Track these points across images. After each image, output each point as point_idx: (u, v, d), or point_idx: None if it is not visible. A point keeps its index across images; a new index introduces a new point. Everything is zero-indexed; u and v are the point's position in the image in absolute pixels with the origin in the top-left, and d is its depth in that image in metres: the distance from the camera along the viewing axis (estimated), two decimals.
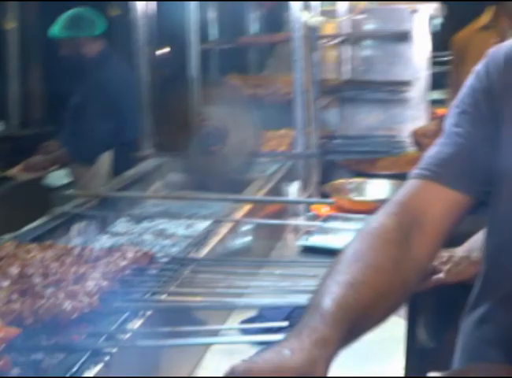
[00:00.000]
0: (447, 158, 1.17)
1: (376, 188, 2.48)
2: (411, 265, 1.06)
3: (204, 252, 1.43)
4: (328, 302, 0.91)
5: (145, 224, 1.83)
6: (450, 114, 1.21)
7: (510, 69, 1.15)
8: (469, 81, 1.19)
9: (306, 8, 2.33)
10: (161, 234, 1.73)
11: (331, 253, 1.61)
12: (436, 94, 3.60)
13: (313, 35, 2.42)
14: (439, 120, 2.97)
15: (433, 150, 1.19)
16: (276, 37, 3.18)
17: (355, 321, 0.91)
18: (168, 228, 1.79)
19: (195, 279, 1.26)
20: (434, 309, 2.02)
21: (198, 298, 1.19)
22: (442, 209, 1.13)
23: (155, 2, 2.45)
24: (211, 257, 1.42)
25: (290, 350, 0.82)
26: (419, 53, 3.16)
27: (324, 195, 2.38)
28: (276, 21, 3.37)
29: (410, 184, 1.17)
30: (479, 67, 1.20)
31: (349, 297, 0.93)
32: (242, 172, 2.19)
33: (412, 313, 1.61)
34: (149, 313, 1.10)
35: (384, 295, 0.99)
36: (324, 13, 2.77)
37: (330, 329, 0.86)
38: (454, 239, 1.30)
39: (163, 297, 1.16)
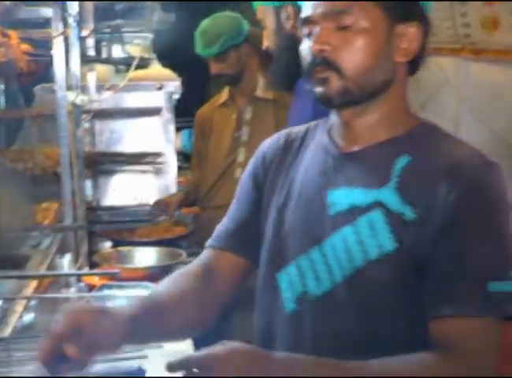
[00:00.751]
0: (228, 229, 1.40)
1: (143, 255, 2.63)
2: (208, 300, 1.35)
3: (8, 331, 1.46)
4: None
5: None
6: (237, 190, 1.45)
7: (272, 157, 1.39)
8: (251, 162, 1.43)
9: (70, 88, 2.43)
10: None
11: None
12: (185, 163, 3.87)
13: (77, 112, 2.52)
14: (182, 189, 3.23)
15: (222, 223, 1.43)
16: (27, 111, 3.20)
17: (147, 316, 1.23)
18: None
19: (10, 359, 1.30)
20: None
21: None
22: (229, 272, 1.39)
23: None
24: (17, 335, 1.46)
25: None
26: (166, 126, 3.39)
27: (94, 265, 2.47)
28: (26, 96, 3.39)
29: (204, 253, 1.41)
30: (257, 152, 1.43)
31: (146, 298, 1.31)
32: (14, 247, 2.20)
33: None
34: None
35: (180, 308, 1.31)
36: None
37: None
38: None
39: None
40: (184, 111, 3.56)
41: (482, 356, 1.13)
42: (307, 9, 1.25)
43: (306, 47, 1.26)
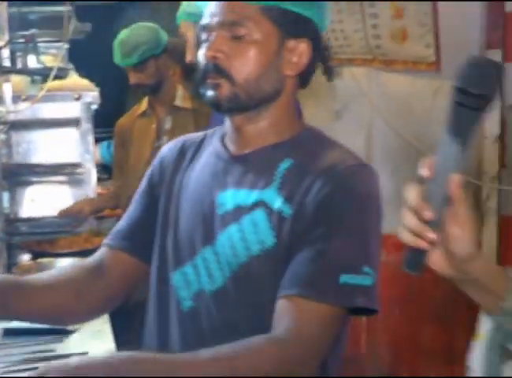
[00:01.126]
0: (124, 230, 1.47)
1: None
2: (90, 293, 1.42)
3: None
4: None
5: None
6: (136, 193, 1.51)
7: (167, 163, 1.46)
8: (151, 168, 1.49)
9: None
10: None
11: (34, 332, 1.76)
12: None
13: None
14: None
15: (120, 223, 1.49)
16: None
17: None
18: None
19: None
20: None
21: None
22: (120, 272, 1.45)
23: None
24: None
25: None
26: (85, 137, 3.36)
27: None
28: None
29: (100, 251, 1.47)
30: (156, 157, 1.50)
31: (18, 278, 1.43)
32: None
33: None
34: None
35: (51, 293, 1.39)
36: None
37: None
38: None
39: None
40: (103, 121, 3.54)
41: (313, 340, 1.19)
42: (206, 17, 1.31)
43: (201, 53, 1.31)
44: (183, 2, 2.42)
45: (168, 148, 1.49)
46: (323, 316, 1.20)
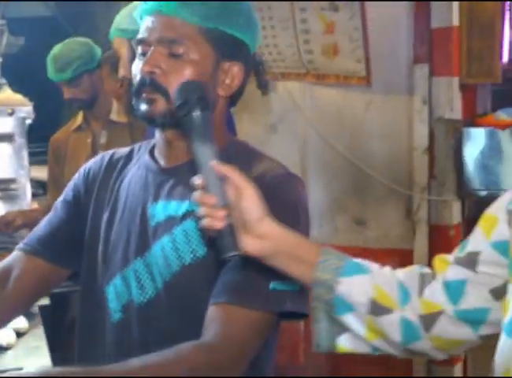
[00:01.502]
0: (44, 236, 1.45)
1: None
2: None
3: None
4: None
5: None
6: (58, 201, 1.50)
7: (95, 175, 1.46)
8: (76, 176, 1.49)
9: None
10: None
11: None
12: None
13: None
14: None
15: (37, 229, 1.48)
16: None
17: None
18: None
19: None
20: None
21: None
22: (33, 278, 1.43)
23: None
24: None
25: None
26: (19, 152, 3.31)
27: None
28: None
29: (13, 255, 1.45)
30: (81, 169, 1.50)
31: None
32: None
33: None
34: None
35: None
36: None
37: None
38: None
39: None
40: (38, 136, 3.49)
41: (241, 345, 1.21)
42: (143, 31, 1.31)
43: (137, 66, 1.32)
44: (116, 19, 2.42)
45: (93, 162, 1.49)
46: (251, 322, 1.22)
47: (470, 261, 1.08)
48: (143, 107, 1.30)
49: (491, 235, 1.06)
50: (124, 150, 1.48)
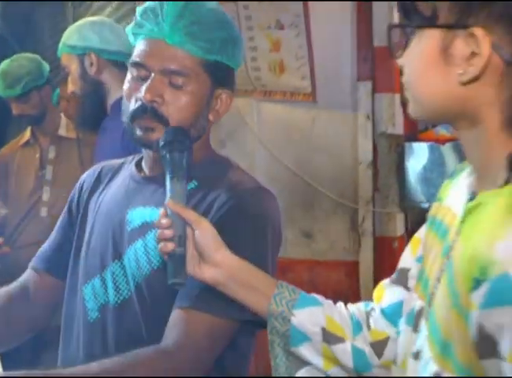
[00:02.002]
0: (48, 252, 1.50)
1: None
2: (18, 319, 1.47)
3: None
4: None
5: None
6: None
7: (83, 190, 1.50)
8: (71, 193, 1.52)
9: None
10: None
11: None
12: None
13: None
14: None
15: (44, 246, 1.53)
16: None
17: None
18: None
19: None
20: None
21: None
22: (44, 292, 1.49)
23: None
24: None
25: None
26: None
27: None
28: None
29: (26, 274, 1.51)
30: (76, 185, 1.53)
31: None
32: None
33: None
34: None
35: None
36: None
37: None
38: None
39: None
40: None
41: (199, 352, 1.25)
42: (141, 55, 1.33)
43: (131, 89, 1.34)
44: (65, 35, 2.43)
45: (86, 174, 1.53)
46: (212, 329, 1.25)
47: (402, 277, 1.13)
48: (140, 133, 1.33)
49: (416, 252, 1.11)
50: (116, 162, 1.52)
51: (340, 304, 1.19)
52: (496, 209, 0.80)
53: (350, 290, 3.05)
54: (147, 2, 1.36)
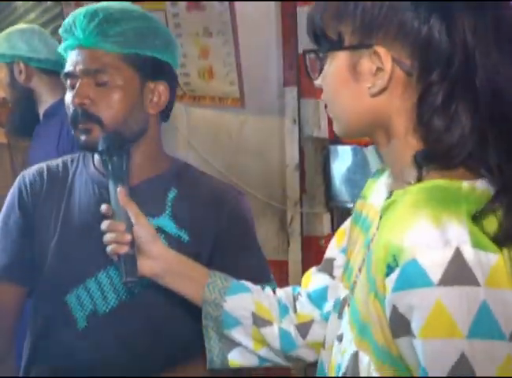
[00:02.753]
0: (11, 262, 1.47)
1: None
2: None
3: None
4: None
5: None
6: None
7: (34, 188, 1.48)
8: (13, 194, 1.49)
9: None
10: None
11: None
12: None
13: None
14: None
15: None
16: None
17: None
18: None
19: None
20: None
21: None
22: (8, 301, 1.47)
23: None
24: None
25: None
26: None
27: None
28: None
29: None
30: (18, 185, 1.50)
31: None
32: None
33: None
34: None
35: None
36: None
37: None
38: None
39: None
40: None
41: None
42: (69, 65, 1.37)
43: (68, 99, 1.38)
44: None
45: (32, 176, 1.48)
46: None
47: (328, 266, 1.20)
48: (82, 138, 1.35)
49: (341, 243, 1.19)
50: (56, 163, 1.49)
51: (268, 289, 1.25)
52: (405, 204, 0.86)
53: (280, 287, 3.08)
54: (65, 19, 1.40)
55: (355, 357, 0.91)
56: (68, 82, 1.38)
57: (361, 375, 0.89)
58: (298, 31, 3.15)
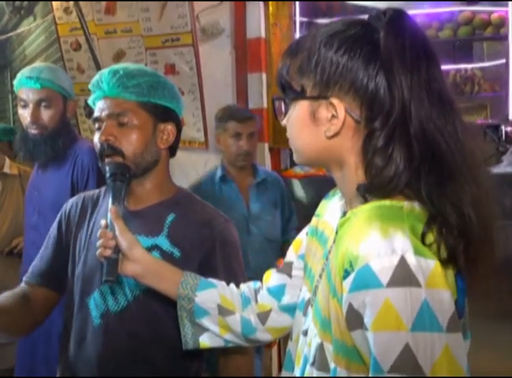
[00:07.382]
0: (42, 268, 1.49)
1: None
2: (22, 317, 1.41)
3: None
4: None
5: None
6: (47, 237, 1.53)
7: (75, 212, 1.51)
8: (59, 217, 1.52)
9: None
10: None
11: None
12: None
13: None
14: None
15: (35, 263, 1.51)
16: None
17: None
18: None
19: None
20: None
21: None
22: (40, 301, 1.46)
23: None
24: None
25: None
26: None
27: None
28: None
29: (21, 286, 1.48)
30: (62, 210, 1.52)
31: None
32: None
33: None
34: None
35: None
36: None
37: None
38: None
39: None
40: None
41: None
42: (96, 112, 1.40)
43: (96, 138, 1.39)
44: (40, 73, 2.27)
45: (71, 204, 1.51)
46: None
47: (287, 268, 1.17)
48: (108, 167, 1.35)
49: (298, 250, 1.16)
50: (93, 193, 1.51)
51: (232, 285, 1.23)
52: (359, 219, 0.85)
53: None
54: (93, 78, 1.43)
55: (321, 346, 0.90)
56: (96, 125, 1.39)
57: (328, 360, 0.88)
58: (249, 91, 3.21)
